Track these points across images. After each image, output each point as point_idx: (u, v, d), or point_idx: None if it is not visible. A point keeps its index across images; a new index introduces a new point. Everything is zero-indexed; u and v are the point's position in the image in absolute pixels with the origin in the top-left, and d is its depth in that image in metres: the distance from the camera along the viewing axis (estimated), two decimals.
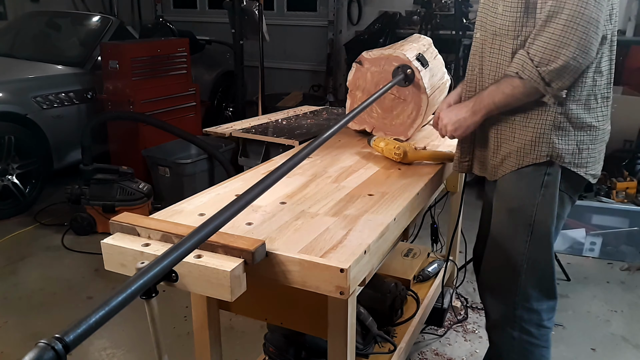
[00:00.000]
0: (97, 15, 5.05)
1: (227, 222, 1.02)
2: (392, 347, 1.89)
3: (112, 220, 1.19)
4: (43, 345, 0.64)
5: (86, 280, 3.02)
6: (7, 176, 3.81)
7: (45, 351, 0.64)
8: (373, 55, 2.03)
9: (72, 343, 0.66)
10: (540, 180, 1.52)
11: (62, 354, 0.65)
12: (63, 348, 0.65)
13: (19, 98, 3.85)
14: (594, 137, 1.49)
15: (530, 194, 1.54)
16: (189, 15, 7.67)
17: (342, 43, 6.62)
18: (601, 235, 3.35)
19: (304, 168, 1.71)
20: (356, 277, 1.10)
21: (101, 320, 0.70)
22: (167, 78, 4.42)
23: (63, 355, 0.65)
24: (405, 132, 2.06)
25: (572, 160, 1.49)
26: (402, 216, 1.39)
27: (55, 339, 0.65)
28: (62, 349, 0.65)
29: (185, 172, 3.75)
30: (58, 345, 0.65)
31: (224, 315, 1.49)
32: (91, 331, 0.69)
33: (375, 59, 2.02)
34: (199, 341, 1.45)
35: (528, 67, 1.39)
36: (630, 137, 4.20)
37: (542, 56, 1.36)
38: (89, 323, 0.69)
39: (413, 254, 2.53)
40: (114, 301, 0.73)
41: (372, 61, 2.03)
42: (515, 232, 1.59)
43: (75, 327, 0.68)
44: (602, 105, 1.49)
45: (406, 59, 1.95)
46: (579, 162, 1.50)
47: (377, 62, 2.02)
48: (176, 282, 1.05)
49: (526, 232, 1.56)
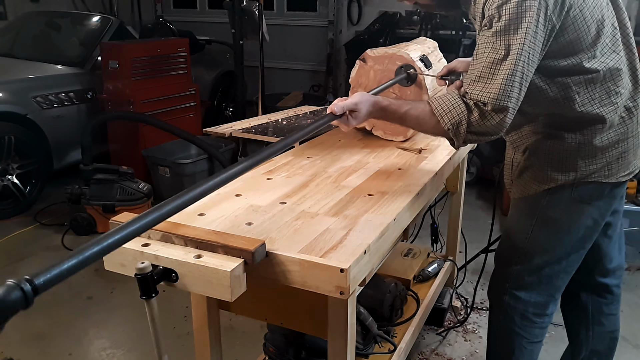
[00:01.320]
0: (97, 15, 5.05)
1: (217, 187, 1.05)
2: (392, 347, 1.89)
3: (112, 220, 1.19)
4: (12, 284, 0.64)
5: (86, 280, 3.02)
6: (7, 176, 3.81)
7: (14, 290, 0.63)
8: (377, 54, 2.03)
9: (41, 286, 0.66)
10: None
11: (30, 296, 0.65)
12: (32, 290, 0.65)
13: (19, 98, 3.85)
14: (624, 148, 1.50)
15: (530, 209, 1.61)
16: (189, 15, 7.67)
17: (342, 43, 6.62)
18: None
19: (304, 168, 1.71)
20: (356, 277, 1.10)
21: (73, 268, 0.70)
22: (167, 78, 4.42)
23: (31, 297, 0.65)
24: (404, 132, 2.06)
25: (602, 174, 1.50)
26: (402, 216, 1.39)
27: (25, 280, 0.65)
28: (30, 290, 0.65)
29: (185, 172, 3.76)
30: (27, 286, 0.65)
31: (224, 315, 1.49)
32: (62, 278, 0.69)
33: (379, 57, 2.02)
34: (199, 341, 1.45)
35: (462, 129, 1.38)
36: None
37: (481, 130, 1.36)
38: (60, 269, 0.69)
39: (413, 254, 2.53)
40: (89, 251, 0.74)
41: (375, 59, 2.03)
42: (518, 225, 1.66)
43: (46, 271, 0.68)
44: (626, 118, 1.49)
45: (410, 58, 1.95)
46: (608, 174, 1.50)
47: (381, 60, 2.02)
48: (176, 282, 1.06)
49: (530, 226, 1.61)
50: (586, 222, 1.58)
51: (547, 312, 1.71)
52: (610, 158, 1.49)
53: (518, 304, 1.69)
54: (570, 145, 1.49)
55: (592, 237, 1.62)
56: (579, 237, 1.59)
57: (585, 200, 1.54)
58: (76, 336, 2.48)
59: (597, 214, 1.57)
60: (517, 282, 1.68)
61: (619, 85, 1.44)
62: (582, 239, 1.60)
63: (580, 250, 1.63)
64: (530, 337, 1.73)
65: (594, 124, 1.45)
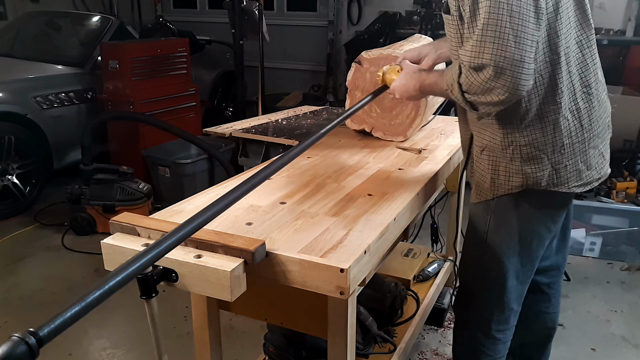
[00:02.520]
0: (97, 15, 5.05)
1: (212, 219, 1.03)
2: (392, 347, 1.89)
3: (112, 220, 1.19)
4: (16, 339, 0.64)
5: (86, 280, 3.02)
6: (7, 176, 3.80)
7: (19, 345, 0.63)
8: (372, 55, 2.03)
9: (46, 337, 0.66)
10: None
11: (35, 349, 0.64)
12: (37, 342, 0.65)
13: (19, 98, 3.85)
14: (571, 154, 1.42)
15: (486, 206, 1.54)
16: (189, 15, 7.67)
17: (342, 43, 6.62)
18: (601, 235, 3.35)
19: (304, 168, 1.71)
20: (356, 277, 1.10)
21: (76, 315, 0.70)
22: (167, 78, 4.42)
23: (36, 349, 0.65)
24: (404, 132, 2.06)
25: (550, 182, 1.43)
26: (402, 216, 1.39)
27: (29, 333, 0.65)
28: (35, 343, 0.65)
29: (185, 172, 3.75)
30: (31, 339, 0.65)
31: (224, 315, 1.49)
32: (66, 326, 0.69)
33: (374, 59, 2.02)
34: (199, 341, 1.45)
35: (455, 91, 1.34)
36: (630, 137, 4.20)
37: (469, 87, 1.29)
38: (64, 318, 0.69)
39: (413, 254, 2.53)
40: (91, 297, 0.73)
41: (371, 61, 2.03)
42: (472, 240, 1.62)
43: (49, 321, 0.67)
44: (574, 120, 1.41)
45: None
46: (558, 182, 1.43)
47: (377, 62, 2.02)
48: (176, 282, 1.06)
49: (481, 241, 1.57)
50: (539, 231, 1.53)
51: (509, 326, 1.67)
52: (557, 164, 1.42)
53: (480, 321, 1.65)
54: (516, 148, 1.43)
55: (545, 245, 1.58)
56: (533, 247, 1.55)
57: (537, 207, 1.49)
58: (76, 336, 2.48)
59: (550, 221, 1.53)
60: (480, 299, 1.64)
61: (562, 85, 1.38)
62: (536, 248, 1.56)
63: (535, 260, 1.58)
64: (494, 354, 1.69)
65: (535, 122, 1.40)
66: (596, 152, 1.47)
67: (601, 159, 1.50)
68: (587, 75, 1.42)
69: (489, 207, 1.53)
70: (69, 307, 0.70)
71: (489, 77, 1.23)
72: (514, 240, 1.53)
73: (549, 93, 1.36)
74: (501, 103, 1.27)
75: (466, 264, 1.68)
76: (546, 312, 1.85)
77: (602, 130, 1.48)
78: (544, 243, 1.57)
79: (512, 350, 1.90)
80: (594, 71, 1.44)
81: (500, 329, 1.65)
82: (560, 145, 1.41)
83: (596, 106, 1.44)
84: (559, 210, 1.54)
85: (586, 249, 3.39)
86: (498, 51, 1.21)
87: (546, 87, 1.36)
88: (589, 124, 1.43)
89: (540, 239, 1.55)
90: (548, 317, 1.86)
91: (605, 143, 1.52)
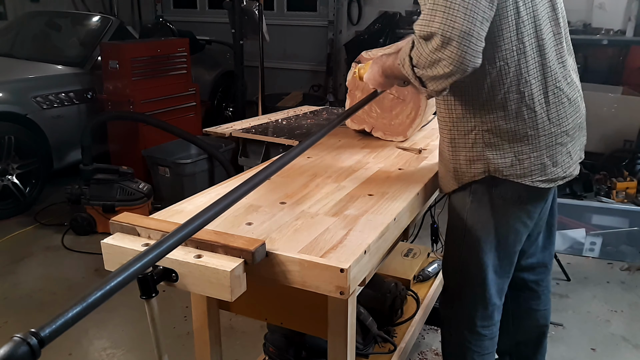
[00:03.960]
0: (97, 15, 5.05)
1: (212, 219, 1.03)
2: (392, 347, 1.89)
3: (112, 220, 1.19)
4: (18, 340, 0.64)
5: (86, 280, 3.02)
6: (7, 176, 3.80)
7: (20, 346, 0.64)
8: (372, 55, 2.02)
9: (48, 338, 0.66)
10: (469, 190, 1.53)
11: (37, 349, 0.65)
12: (38, 343, 0.65)
13: (19, 98, 3.85)
14: (535, 146, 1.42)
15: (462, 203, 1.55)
16: (189, 15, 7.67)
17: (342, 43, 6.62)
18: (601, 235, 3.35)
19: (304, 168, 1.71)
20: (356, 277, 1.10)
21: (78, 316, 0.70)
22: (167, 78, 4.42)
23: (37, 350, 0.65)
24: (404, 132, 2.06)
25: (513, 172, 1.44)
26: (402, 216, 1.39)
27: (31, 334, 0.65)
28: (37, 343, 0.65)
29: (185, 172, 3.75)
30: (33, 340, 0.65)
31: (224, 315, 1.49)
32: (67, 326, 0.69)
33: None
34: (199, 341, 1.45)
35: (407, 65, 1.35)
36: (630, 137, 4.20)
37: (418, 59, 1.30)
38: (65, 318, 0.69)
39: (413, 254, 2.53)
40: (92, 297, 0.73)
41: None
42: (451, 237, 1.63)
43: (51, 322, 0.68)
44: (541, 112, 1.41)
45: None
46: (521, 173, 1.44)
47: None
48: (176, 282, 1.06)
49: (460, 238, 1.58)
50: (514, 226, 1.53)
51: (494, 322, 1.68)
52: (520, 154, 1.43)
53: (465, 318, 1.67)
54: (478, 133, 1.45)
55: (522, 240, 1.59)
56: (509, 242, 1.56)
57: (511, 203, 1.50)
58: (76, 336, 2.48)
59: (525, 217, 1.53)
60: (462, 296, 1.66)
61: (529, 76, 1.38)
62: (513, 244, 1.57)
63: (513, 255, 1.60)
64: (481, 350, 1.70)
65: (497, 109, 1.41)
66: (564, 150, 1.47)
67: (568, 157, 1.49)
68: (558, 72, 1.43)
69: (465, 203, 1.54)
70: (70, 308, 0.70)
71: (436, 47, 1.24)
72: (491, 236, 1.54)
73: (513, 82, 1.38)
74: (447, 76, 1.27)
75: (447, 262, 1.70)
76: (537, 310, 1.87)
77: (573, 129, 1.48)
78: (521, 238, 1.59)
79: (508, 350, 1.92)
80: (566, 70, 1.46)
81: (485, 324, 1.67)
82: (523, 135, 1.42)
83: (566, 104, 1.45)
84: (533, 204, 1.54)
85: (586, 249, 3.39)
86: (447, 21, 1.21)
87: (511, 75, 1.37)
88: (557, 119, 1.43)
89: (516, 234, 1.56)
90: (539, 314, 1.87)
91: (575, 143, 1.51)
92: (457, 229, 1.59)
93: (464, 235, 1.57)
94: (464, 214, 1.55)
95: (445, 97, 1.49)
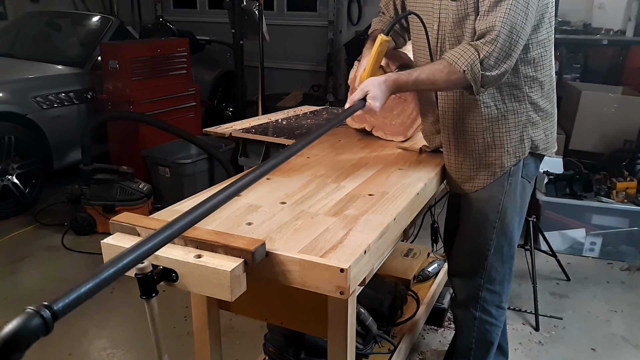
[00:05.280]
0: (97, 15, 5.05)
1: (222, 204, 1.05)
2: (392, 347, 1.89)
3: (112, 220, 1.19)
4: (31, 311, 0.64)
5: None
6: (7, 176, 3.80)
7: (34, 317, 0.64)
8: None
9: (60, 312, 0.66)
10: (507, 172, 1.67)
11: (50, 322, 0.65)
12: (51, 316, 0.65)
13: (19, 98, 3.85)
14: (554, 123, 1.68)
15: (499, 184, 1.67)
16: (189, 15, 7.67)
17: (342, 43, 6.62)
18: (601, 235, 3.35)
19: (304, 168, 1.71)
20: (356, 277, 1.10)
21: (90, 291, 0.70)
22: (167, 78, 4.42)
23: (51, 322, 0.65)
24: (405, 132, 2.06)
25: (544, 146, 1.66)
26: (402, 216, 1.39)
27: (44, 307, 0.65)
28: (50, 316, 0.65)
29: (185, 172, 3.75)
30: (46, 312, 0.65)
31: (224, 315, 1.49)
32: (80, 302, 0.69)
33: None
34: (199, 341, 1.45)
35: (476, 68, 1.42)
36: (630, 137, 4.20)
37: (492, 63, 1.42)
38: (78, 293, 0.69)
39: (413, 254, 2.54)
40: (105, 273, 0.74)
41: None
42: (485, 220, 1.71)
43: (64, 296, 0.68)
44: (555, 95, 1.66)
45: (408, 58, 1.95)
46: (547, 146, 1.67)
47: None
48: (176, 282, 1.06)
49: (495, 219, 1.69)
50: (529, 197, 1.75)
51: (509, 296, 1.86)
52: (547, 130, 1.65)
53: (494, 297, 1.78)
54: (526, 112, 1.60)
55: None
56: (524, 215, 1.77)
57: (529, 178, 1.69)
58: (76, 336, 2.48)
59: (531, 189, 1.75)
60: (491, 276, 1.75)
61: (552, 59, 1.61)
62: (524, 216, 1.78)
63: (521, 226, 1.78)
64: (501, 324, 1.85)
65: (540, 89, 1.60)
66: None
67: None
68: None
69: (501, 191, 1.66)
70: (83, 283, 0.70)
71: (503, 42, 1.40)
72: (519, 214, 1.72)
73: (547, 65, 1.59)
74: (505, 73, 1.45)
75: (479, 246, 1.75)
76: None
77: None
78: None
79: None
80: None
81: (505, 299, 1.82)
82: (550, 113, 1.65)
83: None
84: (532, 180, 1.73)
85: (586, 249, 3.39)
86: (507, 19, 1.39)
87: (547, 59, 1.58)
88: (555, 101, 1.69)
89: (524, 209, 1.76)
90: None
91: None
92: (489, 218, 1.69)
93: (498, 220, 1.69)
94: (499, 200, 1.67)
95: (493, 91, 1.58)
